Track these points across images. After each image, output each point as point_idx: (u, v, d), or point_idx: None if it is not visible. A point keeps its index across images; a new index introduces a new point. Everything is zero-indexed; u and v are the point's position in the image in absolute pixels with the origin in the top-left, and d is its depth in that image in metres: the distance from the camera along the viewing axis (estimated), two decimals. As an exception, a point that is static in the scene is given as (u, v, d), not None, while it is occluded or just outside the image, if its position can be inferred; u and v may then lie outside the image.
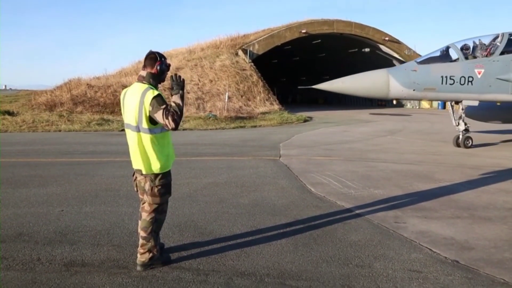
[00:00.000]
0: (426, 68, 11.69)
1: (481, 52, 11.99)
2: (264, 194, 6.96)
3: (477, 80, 11.70)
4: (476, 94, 11.85)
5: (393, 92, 11.63)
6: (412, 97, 12.03)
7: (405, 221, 5.55)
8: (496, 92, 11.88)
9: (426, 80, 11.60)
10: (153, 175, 3.89)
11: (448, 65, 11.82)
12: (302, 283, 3.79)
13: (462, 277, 3.91)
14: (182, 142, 14.31)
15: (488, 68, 11.72)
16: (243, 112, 24.13)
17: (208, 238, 4.91)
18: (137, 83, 3.89)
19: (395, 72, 11.72)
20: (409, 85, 11.54)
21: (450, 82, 11.64)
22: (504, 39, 11.97)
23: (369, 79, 11.74)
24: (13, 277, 3.90)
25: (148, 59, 3.91)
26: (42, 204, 6.37)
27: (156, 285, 3.73)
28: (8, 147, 13.27)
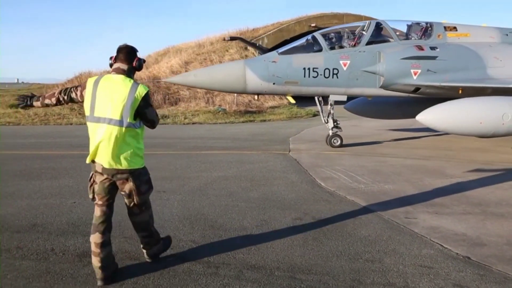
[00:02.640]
0: (287, 59, 10.51)
1: (348, 42, 10.95)
2: (273, 188, 6.97)
3: (342, 73, 10.57)
4: (342, 88, 10.77)
5: (251, 86, 10.47)
6: (273, 91, 10.95)
7: (415, 216, 5.53)
8: (364, 85, 10.82)
9: (287, 73, 10.44)
10: (137, 172, 3.67)
11: (311, 55, 10.63)
12: (312, 277, 3.80)
13: (474, 274, 3.88)
14: (191, 136, 14.36)
15: (354, 59, 10.58)
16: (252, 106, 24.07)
17: (218, 231, 4.93)
18: (118, 75, 3.62)
19: (253, 64, 10.56)
20: (268, 78, 10.39)
21: (313, 74, 10.50)
22: (371, 28, 11.00)
23: (223, 71, 10.58)
24: (28, 266, 3.97)
25: (126, 53, 3.71)
26: (55, 196, 6.44)
27: (167, 277, 3.76)
28: (21, 139, 13.40)
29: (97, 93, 3.56)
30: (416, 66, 10.49)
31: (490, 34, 11.74)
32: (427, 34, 11.31)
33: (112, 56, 3.75)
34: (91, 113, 3.56)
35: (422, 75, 10.52)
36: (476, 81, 10.62)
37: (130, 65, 3.69)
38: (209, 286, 3.61)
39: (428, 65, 10.56)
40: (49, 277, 3.75)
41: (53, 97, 3.92)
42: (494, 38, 11.70)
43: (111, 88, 3.55)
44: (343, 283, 3.69)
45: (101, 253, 3.59)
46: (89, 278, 3.70)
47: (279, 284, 3.66)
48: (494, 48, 11.27)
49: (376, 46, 10.82)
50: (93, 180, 3.70)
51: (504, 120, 9.10)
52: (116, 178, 3.62)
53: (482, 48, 11.13)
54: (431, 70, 10.55)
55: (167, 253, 4.28)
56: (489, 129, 9.28)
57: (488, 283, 3.72)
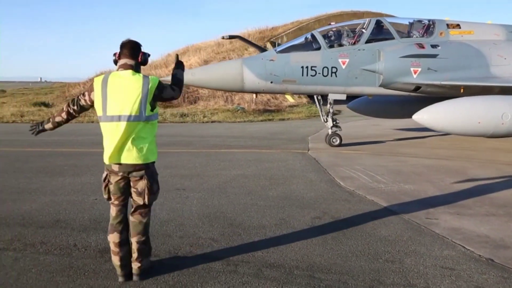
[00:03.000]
0: (285, 57, 10.40)
1: (348, 40, 10.77)
2: (292, 187, 6.96)
3: (341, 71, 10.39)
4: (341, 87, 10.60)
5: (249, 85, 10.37)
6: (270, 90, 10.81)
7: (437, 217, 5.45)
8: (363, 84, 10.60)
9: (285, 71, 10.32)
10: (151, 170, 3.65)
11: (310, 54, 10.50)
12: (332, 276, 3.79)
13: (497, 276, 3.81)
14: (211, 134, 14.43)
15: (353, 57, 10.41)
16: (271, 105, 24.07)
17: (237, 230, 4.95)
18: (126, 71, 3.58)
19: (250, 62, 10.47)
20: (265, 76, 10.28)
21: (311, 73, 10.35)
22: (370, 26, 10.77)
23: (220, 70, 10.53)
24: (51, 261, 4.06)
25: (131, 48, 3.66)
26: (77, 193, 6.57)
27: (187, 274, 3.79)
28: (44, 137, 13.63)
29: (107, 92, 3.50)
30: (416, 65, 10.31)
31: (495, 32, 11.43)
32: (429, 32, 11.10)
33: (115, 52, 3.69)
34: (103, 112, 3.51)
35: (422, 74, 10.34)
36: (478, 80, 10.38)
37: (136, 60, 3.64)
38: (228, 284, 3.63)
39: (428, 64, 10.36)
40: (72, 272, 3.82)
41: (62, 112, 3.87)
42: (499, 35, 11.38)
43: (122, 85, 3.51)
44: (363, 283, 3.66)
45: (120, 252, 3.63)
46: (110, 274, 3.76)
47: (298, 283, 3.66)
48: (498, 46, 10.97)
49: (376, 44, 10.66)
50: (107, 181, 3.67)
51: (503, 120, 8.89)
52: (131, 175, 3.61)
53: (486, 46, 10.84)
54: (431, 68, 10.35)
55: (187, 250, 4.32)
56: (488, 129, 9.09)
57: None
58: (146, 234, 3.74)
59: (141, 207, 3.70)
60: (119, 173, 3.59)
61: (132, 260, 3.67)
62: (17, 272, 3.82)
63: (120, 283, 3.62)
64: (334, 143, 11.18)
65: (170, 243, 4.51)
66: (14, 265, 3.97)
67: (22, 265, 3.96)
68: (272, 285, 3.61)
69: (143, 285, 3.58)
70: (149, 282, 3.64)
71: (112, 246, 3.65)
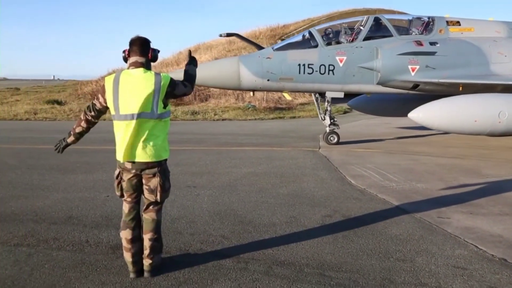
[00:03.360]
0: (281, 55, 10.35)
1: (345, 38, 10.65)
2: (303, 185, 6.95)
3: (338, 69, 10.33)
4: (339, 85, 10.52)
5: (245, 83, 10.35)
6: (267, 88, 10.78)
7: (449, 216, 5.41)
8: (360, 82, 10.53)
9: (281, 69, 10.27)
10: (163, 167, 3.66)
11: (307, 51, 10.45)
12: (342, 274, 3.78)
13: (510, 276, 3.76)
14: (222, 132, 14.47)
15: (351, 55, 10.34)
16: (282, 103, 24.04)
17: (248, 227, 4.96)
18: (137, 69, 3.57)
19: (247, 60, 10.41)
20: (262, 74, 10.24)
21: (308, 71, 10.28)
22: (368, 23, 10.66)
23: (217, 68, 10.43)
24: (64, 257, 4.11)
25: (140, 45, 3.63)
26: (89, 190, 6.63)
27: (197, 271, 3.81)
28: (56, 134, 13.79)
29: (119, 90, 3.50)
30: (414, 62, 10.21)
31: (496, 29, 11.25)
32: (428, 29, 10.99)
33: (125, 49, 3.67)
34: (116, 111, 3.51)
35: (420, 72, 10.23)
36: (477, 78, 10.23)
37: (146, 57, 3.62)
38: (238, 281, 3.64)
39: (426, 61, 10.26)
40: (84, 268, 3.86)
41: (81, 121, 3.86)
42: (500, 32, 11.21)
43: (134, 83, 3.50)
44: (373, 282, 3.65)
45: (132, 249, 3.67)
46: (122, 270, 3.79)
47: (309, 281, 3.65)
48: (499, 43, 10.80)
49: (373, 41, 10.58)
50: (120, 178, 3.68)
51: (500, 119, 8.77)
52: (144, 173, 3.62)
53: (486, 43, 10.69)
54: (430, 66, 10.25)
55: (197, 247, 4.34)
56: (485, 128, 8.96)
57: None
58: (158, 232, 3.76)
59: (153, 204, 3.72)
60: (131, 170, 3.61)
61: (143, 257, 3.70)
62: (31, 268, 3.87)
63: (131, 279, 3.65)
64: (332, 141, 11.15)
65: (181, 240, 4.54)
66: (27, 261, 4.02)
67: (36, 261, 4.02)
68: (282, 282, 3.62)
69: (154, 282, 3.61)
70: (160, 278, 3.67)
71: (124, 242, 3.69)
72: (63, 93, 32.94)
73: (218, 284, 3.58)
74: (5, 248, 4.33)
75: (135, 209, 3.73)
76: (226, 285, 3.56)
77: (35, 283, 3.59)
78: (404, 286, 3.58)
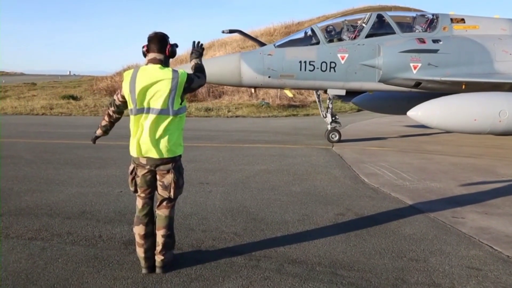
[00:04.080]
0: (282, 52, 10.30)
1: (348, 35, 10.53)
2: (316, 183, 6.91)
3: (340, 66, 10.25)
4: (340, 82, 10.45)
5: (246, 80, 10.32)
6: (268, 85, 10.71)
7: (463, 216, 5.33)
8: (362, 79, 10.43)
9: (282, 66, 10.23)
10: (178, 164, 3.66)
11: (308, 48, 10.38)
12: (354, 273, 3.74)
13: (525, 278, 3.70)
14: (235, 129, 14.47)
15: (352, 52, 10.25)
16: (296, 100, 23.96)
17: (260, 225, 4.94)
18: (155, 66, 3.57)
19: (248, 57, 10.41)
20: (263, 71, 10.20)
21: (310, 68, 10.22)
22: (371, 20, 10.51)
23: (219, 64, 10.40)
24: (78, 251, 4.13)
25: (158, 41, 3.63)
26: (102, 185, 6.68)
27: (209, 268, 3.81)
28: (72, 129, 13.97)
29: (136, 86, 3.51)
30: (416, 60, 10.09)
31: (502, 26, 11.04)
32: (432, 26, 10.85)
33: (144, 45, 3.67)
34: (134, 106, 3.53)
35: (422, 69, 10.11)
36: (481, 76, 10.06)
37: (164, 54, 3.63)
38: (250, 279, 3.62)
39: (429, 59, 10.12)
40: (97, 263, 3.89)
41: (105, 116, 3.99)
42: (506, 30, 10.99)
43: (151, 79, 3.49)
44: (386, 281, 3.61)
45: (144, 244, 3.67)
46: (134, 266, 3.81)
47: (320, 279, 3.62)
48: (504, 41, 10.59)
49: (376, 39, 10.47)
50: (134, 173, 3.69)
51: (501, 118, 8.61)
52: (158, 169, 3.62)
53: (490, 41, 10.49)
54: (432, 64, 10.11)
55: (209, 244, 4.34)
56: (485, 127, 8.81)
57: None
58: (171, 228, 3.76)
59: (167, 200, 3.71)
60: (146, 166, 3.62)
61: (155, 253, 3.70)
62: (44, 261, 3.91)
63: (143, 275, 3.66)
64: (333, 139, 11.08)
65: (193, 237, 4.54)
66: (41, 254, 4.06)
67: (49, 255, 4.05)
68: (294, 281, 3.59)
69: (166, 278, 3.61)
70: (171, 274, 3.67)
71: (137, 238, 3.70)
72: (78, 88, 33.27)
73: (230, 282, 3.57)
74: (20, 241, 4.38)
75: (148, 205, 3.74)
76: (237, 283, 3.55)
77: (49, 277, 3.62)
78: (417, 286, 3.53)
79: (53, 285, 3.48)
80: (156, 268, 3.70)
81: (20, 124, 15.62)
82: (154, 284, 3.53)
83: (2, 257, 3.99)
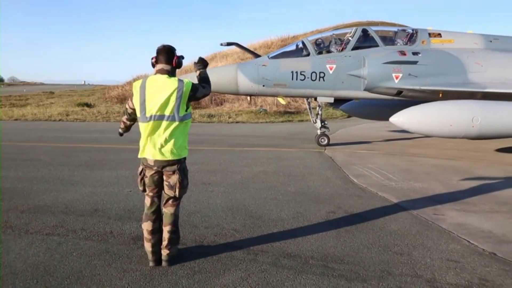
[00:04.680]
0: (276, 63, 10.40)
1: (335, 47, 10.64)
2: (309, 183, 6.92)
3: (329, 76, 10.35)
4: (329, 91, 10.51)
5: (242, 88, 10.41)
6: (263, 93, 10.75)
7: (443, 213, 5.34)
8: (349, 88, 10.49)
9: (276, 76, 10.33)
10: (183, 166, 3.68)
11: (299, 60, 10.49)
12: (344, 266, 3.75)
13: (499, 269, 3.72)
14: (235, 134, 14.47)
15: (340, 63, 10.34)
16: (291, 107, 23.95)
17: (258, 222, 4.94)
18: (162, 76, 3.60)
19: (244, 67, 10.50)
20: (258, 80, 10.31)
21: (300, 77, 10.33)
22: (357, 34, 10.63)
23: (217, 74, 10.27)
24: (90, 246, 4.14)
25: (165, 53, 3.65)
26: (113, 185, 6.68)
27: (211, 261, 3.82)
28: (86, 134, 13.95)
29: (146, 95, 3.54)
30: (398, 70, 10.13)
31: (474, 41, 11.12)
32: (412, 40, 10.90)
33: (153, 56, 3.71)
34: (142, 113, 3.56)
35: (403, 79, 10.15)
36: (456, 85, 10.14)
37: (171, 65, 3.65)
38: (248, 271, 3.63)
39: (409, 70, 10.16)
40: (108, 256, 3.89)
41: (121, 123, 4.09)
42: (478, 44, 11.07)
43: (159, 88, 3.53)
44: (373, 273, 3.62)
45: (152, 239, 3.69)
46: (142, 259, 3.81)
47: (313, 272, 3.63)
48: (476, 54, 10.67)
49: (361, 51, 10.54)
50: (143, 174, 3.71)
51: (474, 123, 8.69)
52: (165, 170, 3.63)
53: (464, 54, 10.57)
54: (412, 74, 10.14)
55: (211, 240, 4.35)
56: (460, 132, 8.89)
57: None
58: (176, 225, 3.77)
59: (173, 199, 3.73)
60: (153, 167, 3.63)
61: (162, 247, 3.71)
62: (61, 255, 3.91)
63: (150, 268, 3.67)
64: (322, 143, 11.13)
65: (196, 233, 4.54)
66: (58, 248, 4.06)
67: (65, 249, 4.06)
68: (289, 273, 3.60)
69: (171, 270, 3.62)
70: (176, 267, 3.68)
71: (145, 233, 3.71)
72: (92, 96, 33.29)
73: (230, 274, 3.58)
74: (38, 236, 4.38)
75: (156, 203, 3.75)
76: (236, 275, 3.56)
77: (64, 269, 3.63)
78: (401, 278, 3.54)
79: (68, 277, 3.49)
80: (162, 261, 3.71)
81: (39, 130, 15.60)
82: (160, 276, 3.54)
83: (23, 251, 3.99)
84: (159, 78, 3.60)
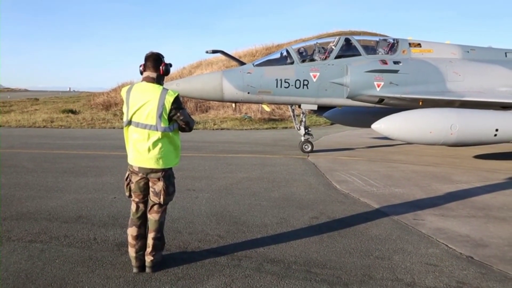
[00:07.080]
0: (261, 70, 10.48)
1: (319, 56, 10.81)
2: (293, 190, 6.94)
3: (312, 84, 10.45)
4: (312, 98, 10.65)
5: (227, 95, 10.45)
6: (248, 100, 10.83)
7: (423, 218, 5.41)
8: (332, 96, 10.67)
9: (260, 83, 10.40)
10: (168, 173, 3.63)
11: (283, 67, 10.55)
12: (327, 271, 3.76)
13: (476, 272, 3.78)
14: (220, 140, 14.44)
15: (323, 71, 10.47)
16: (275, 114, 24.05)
17: (242, 227, 4.93)
18: (147, 84, 3.56)
19: (229, 75, 10.55)
20: (243, 88, 10.37)
21: (285, 85, 10.43)
22: (339, 43, 10.85)
23: (202, 81, 10.52)
24: (73, 253, 4.07)
25: (153, 60, 3.59)
26: (98, 191, 6.58)
27: (195, 267, 3.79)
28: (71, 141, 13.75)
29: (130, 101, 3.52)
30: (379, 79, 10.28)
31: (452, 51, 11.40)
32: (393, 49, 11.10)
33: (141, 64, 3.66)
34: (127, 119, 3.55)
35: (385, 87, 10.31)
36: (435, 94, 10.37)
37: (158, 72, 3.60)
38: (232, 277, 3.61)
39: (390, 78, 10.33)
40: (91, 263, 3.83)
41: None
42: (456, 54, 11.35)
43: (142, 96, 3.49)
44: (355, 278, 3.64)
45: (136, 245, 3.65)
46: (125, 266, 3.76)
47: (296, 276, 3.64)
48: (454, 63, 10.92)
49: (344, 60, 10.67)
50: (129, 180, 3.69)
51: (452, 131, 8.89)
52: (150, 176, 3.61)
53: (443, 63, 10.81)
54: (393, 82, 10.32)
55: (195, 246, 4.32)
56: (439, 139, 9.07)
57: (489, 281, 3.62)
58: (161, 231, 3.73)
59: (157, 205, 3.69)
60: (139, 173, 3.61)
61: (146, 254, 3.67)
62: (43, 262, 3.83)
63: (134, 274, 3.62)
64: (306, 149, 11.18)
65: (180, 239, 4.50)
66: (40, 256, 3.98)
67: (47, 256, 3.98)
68: (272, 278, 3.59)
69: (155, 277, 3.58)
70: (160, 274, 3.64)
71: (129, 238, 3.67)
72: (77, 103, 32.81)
73: (213, 280, 3.56)
74: (20, 244, 4.28)
75: (141, 209, 3.71)
76: (220, 281, 3.54)
77: (47, 276, 3.55)
78: (382, 282, 3.57)
79: (50, 284, 3.42)
80: (146, 267, 3.67)
81: (23, 136, 15.32)
82: (144, 282, 3.49)
83: (4, 259, 3.90)
84: (144, 86, 3.57)
